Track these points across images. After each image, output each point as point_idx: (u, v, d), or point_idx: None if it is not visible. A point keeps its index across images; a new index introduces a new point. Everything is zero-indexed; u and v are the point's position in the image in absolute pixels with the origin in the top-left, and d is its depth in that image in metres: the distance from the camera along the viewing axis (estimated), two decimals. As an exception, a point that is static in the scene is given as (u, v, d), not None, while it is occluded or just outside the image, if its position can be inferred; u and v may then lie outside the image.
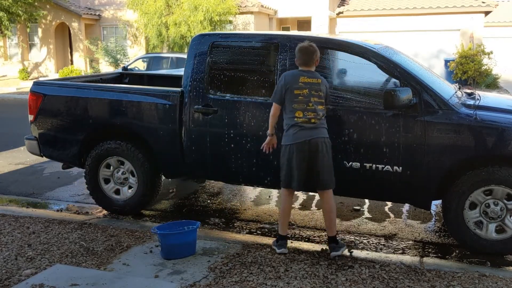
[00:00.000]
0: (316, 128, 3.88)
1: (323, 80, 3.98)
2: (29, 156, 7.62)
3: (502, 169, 3.95)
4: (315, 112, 3.87)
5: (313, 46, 3.95)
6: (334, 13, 22.16)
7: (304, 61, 3.95)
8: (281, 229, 4.11)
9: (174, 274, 3.61)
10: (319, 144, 3.87)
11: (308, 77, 3.90)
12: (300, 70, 3.97)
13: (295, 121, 3.87)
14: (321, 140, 3.89)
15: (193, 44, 4.80)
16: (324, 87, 3.96)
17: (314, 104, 3.87)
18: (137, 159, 4.94)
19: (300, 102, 3.86)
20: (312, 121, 3.86)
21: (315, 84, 3.90)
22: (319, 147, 3.87)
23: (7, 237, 4.35)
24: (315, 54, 3.94)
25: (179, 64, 14.97)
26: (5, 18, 20.95)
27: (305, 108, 3.85)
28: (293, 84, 3.88)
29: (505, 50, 26.78)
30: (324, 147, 3.89)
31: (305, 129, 3.85)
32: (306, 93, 3.86)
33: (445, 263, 3.98)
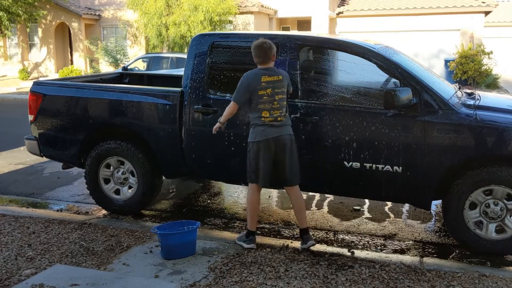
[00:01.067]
0: (283, 126, 3.97)
1: (283, 75, 4.04)
2: (29, 156, 7.62)
3: (502, 169, 3.95)
4: (281, 109, 3.95)
5: (268, 42, 3.97)
6: (334, 13, 22.16)
7: (262, 59, 3.97)
8: (250, 225, 4.17)
9: (174, 274, 3.61)
10: (287, 142, 3.96)
11: (269, 76, 3.94)
12: (261, 69, 3.99)
13: (263, 121, 3.93)
14: (288, 137, 3.98)
15: (193, 44, 4.80)
16: (285, 82, 4.02)
17: (279, 102, 3.94)
18: (137, 159, 4.94)
19: (266, 102, 3.92)
20: (279, 119, 3.94)
21: (277, 82, 3.96)
22: (286, 144, 3.96)
23: (7, 237, 4.35)
24: (270, 50, 3.95)
25: (179, 64, 14.97)
26: (5, 18, 20.94)
27: (271, 107, 3.92)
28: (256, 85, 3.92)
29: (505, 50, 26.77)
30: (290, 144, 3.99)
31: (273, 127, 3.93)
32: (270, 92, 3.92)
33: (445, 263, 3.98)
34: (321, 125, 4.29)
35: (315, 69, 4.66)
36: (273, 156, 3.96)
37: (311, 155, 4.35)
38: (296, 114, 4.33)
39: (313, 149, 4.33)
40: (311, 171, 4.39)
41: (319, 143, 4.31)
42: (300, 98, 4.36)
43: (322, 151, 4.31)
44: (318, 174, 4.39)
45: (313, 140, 4.33)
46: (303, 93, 4.39)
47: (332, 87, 4.53)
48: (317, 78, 4.60)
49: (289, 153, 3.98)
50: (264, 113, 3.92)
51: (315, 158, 4.34)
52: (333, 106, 4.30)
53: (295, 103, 4.35)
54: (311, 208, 5.56)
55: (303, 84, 4.42)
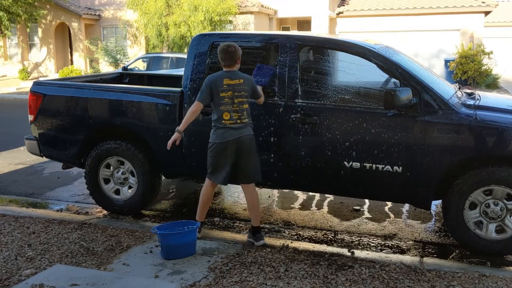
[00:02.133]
0: (243, 127, 4.08)
1: (246, 79, 4.11)
2: (29, 156, 7.63)
3: (502, 169, 3.95)
4: (240, 112, 4.07)
5: (233, 46, 4.10)
6: (334, 13, 22.16)
7: (226, 62, 4.09)
8: (199, 216, 4.34)
9: (174, 274, 3.61)
10: (247, 142, 4.10)
11: (230, 79, 4.06)
12: (224, 72, 4.12)
13: (223, 123, 4.06)
14: (248, 137, 4.12)
15: (193, 44, 4.80)
16: (247, 86, 4.10)
17: (238, 105, 4.06)
18: (137, 159, 4.94)
19: (226, 104, 4.04)
20: (239, 121, 4.07)
21: (237, 85, 4.06)
22: (247, 145, 4.10)
23: (7, 237, 4.35)
24: (235, 54, 4.08)
25: (179, 64, 14.97)
26: (5, 18, 20.95)
27: (232, 109, 4.04)
28: (218, 86, 4.04)
29: (505, 50, 26.79)
30: (250, 144, 4.13)
31: (233, 129, 4.05)
32: (230, 95, 4.04)
33: (445, 263, 3.98)
34: (321, 125, 4.29)
35: (315, 69, 4.66)
36: (233, 156, 4.09)
37: (311, 155, 4.35)
38: (296, 114, 4.33)
39: (313, 149, 4.33)
40: (311, 171, 4.39)
41: (319, 143, 4.31)
42: (300, 98, 4.36)
43: (322, 151, 4.31)
44: (318, 174, 4.39)
45: (313, 140, 4.33)
46: (303, 93, 4.39)
47: (332, 87, 4.53)
48: (317, 78, 4.60)
49: (249, 153, 4.13)
50: (225, 114, 4.05)
51: (315, 158, 4.34)
52: (333, 106, 4.30)
53: (295, 103, 4.35)
54: (311, 208, 5.56)
55: (303, 84, 4.42)
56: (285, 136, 4.40)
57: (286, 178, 4.51)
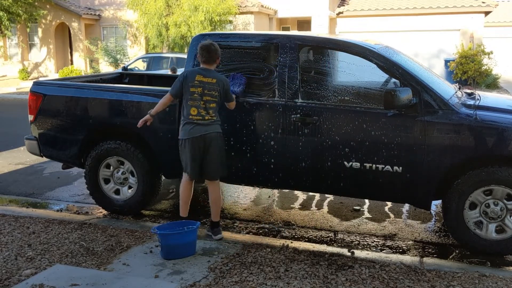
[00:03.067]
0: (210, 124, 4.18)
1: (219, 80, 4.19)
2: (29, 156, 7.63)
3: (502, 169, 3.95)
4: (207, 110, 4.15)
5: (215, 45, 4.22)
6: (334, 13, 22.16)
7: (205, 59, 4.20)
8: (182, 212, 4.46)
9: (174, 274, 3.61)
10: (212, 139, 4.19)
11: (204, 76, 4.15)
12: (200, 68, 4.24)
13: (190, 118, 4.15)
14: (214, 135, 4.21)
15: (193, 44, 4.79)
16: (219, 86, 4.17)
17: (205, 103, 4.15)
18: (137, 159, 4.94)
19: (195, 100, 4.14)
20: (206, 118, 4.16)
21: (209, 84, 4.14)
22: (212, 142, 4.19)
23: (7, 237, 4.35)
24: (215, 53, 4.20)
25: (179, 64, 14.97)
26: (5, 18, 20.95)
27: (199, 105, 4.14)
28: (190, 81, 4.15)
29: (505, 50, 26.80)
30: (216, 141, 4.22)
31: (200, 125, 4.15)
32: (200, 91, 4.13)
33: (445, 263, 3.98)
34: (321, 125, 4.28)
35: (315, 69, 4.66)
36: (201, 152, 4.20)
37: (311, 155, 4.34)
38: (296, 114, 4.33)
39: (313, 149, 4.33)
40: (311, 171, 4.39)
41: (319, 143, 4.31)
42: (300, 98, 4.36)
43: (322, 151, 4.31)
44: (318, 174, 4.39)
45: (313, 140, 4.33)
46: (303, 94, 4.39)
47: (332, 87, 4.53)
48: (317, 78, 4.60)
49: (215, 150, 4.22)
50: (192, 110, 4.15)
51: (315, 158, 4.34)
52: (333, 106, 4.29)
53: (295, 103, 4.35)
54: (311, 208, 5.56)
55: (303, 84, 4.42)
56: (284, 136, 4.40)
57: (286, 178, 4.51)
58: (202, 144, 4.17)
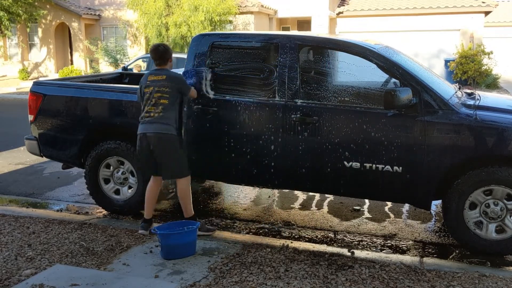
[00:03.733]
0: (155, 123, 4.23)
1: (169, 76, 4.28)
2: (29, 156, 7.62)
3: (502, 169, 3.95)
4: (156, 107, 4.25)
5: (163, 46, 4.41)
6: (334, 13, 22.16)
7: (157, 61, 4.36)
8: (146, 214, 4.53)
9: (174, 274, 3.61)
10: (154, 139, 4.22)
11: (154, 75, 4.30)
12: (153, 70, 4.40)
13: (142, 117, 4.32)
14: (158, 135, 4.22)
15: (193, 44, 4.79)
16: (169, 82, 4.25)
17: (156, 100, 4.25)
18: (137, 159, 4.93)
19: (147, 99, 4.29)
20: (152, 115, 4.25)
21: (159, 81, 4.26)
22: (157, 141, 4.23)
23: (7, 237, 4.35)
24: (165, 53, 4.36)
25: (179, 64, 14.94)
26: (5, 18, 20.95)
27: (148, 103, 4.28)
28: (143, 83, 4.33)
29: (505, 50, 26.79)
30: (161, 142, 4.23)
31: (145, 123, 4.27)
32: (151, 90, 4.27)
33: (445, 263, 3.98)
34: (321, 125, 4.28)
35: (315, 69, 4.66)
36: (148, 150, 4.27)
37: (311, 155, 4.34)
38: (296, 114, 4.33)
39: (313, 149, 4.33)
40: (311, 171, 4.39)
41: (319, 143, 4.31)
42: (300, 98, 4.36)
43: (322, 151, 4.31)
44: (318, 174, 4.39)
45: (313, 140, 4.32)
46: (303, 93, 4.39)
47: (332, 87, 4.53)
48: (317, 78, 4.60)
49: (159, 150, 4.24)
50: (145, 109, 4.30)
51: (315, 158, 4.34)
52: (333, 106, 4.29)
53: (295, 103, 4.35)
54: (311, 208, 5.56)
55: (303, 85, 4.42)
56: (285, 136, 4.40)
57: (286, 178, 4.51)
58: (145, 143, 4.25)
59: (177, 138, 4.33)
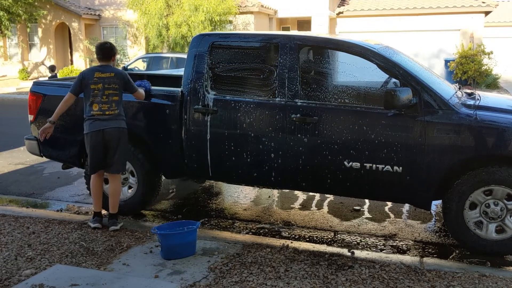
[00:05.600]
0: (111, 119, 4.40)
1: (117, 73, 4.48)
2: (29, 156, 7.62)
3: (502, 169, 3.95)
4: (109, 104, 4.39)
5: (109, 43, 4.57)
6: (334, 13, 22.17)
7: (101, 56, 4.49)
8: (94, 207, 4.67)
9: (174, 274, 3.61)
10: (113, 134, 4.40)
11: (102, 72, 4.42)
12: (97, 66, 4.51)
13: (92, 114, 4.38)
14: (115, 130, 4.42)
15: (193, 44, 4.79)
16: (117, 79, 4.44)
17: (108, 97, 4.39)
18: (137, 159, 4.94)
19: (96, 96, 4.37)
20: (107, 113, 4.39)
21: (108, 78, 4.40)
22: (113, 137, 4.40)
23: (7, 237, 4.35)
24: (111, 50, 4.51)
25: (179, 64, 14.96)
26: (5, 18, 20.95)
27: (101, 101, 4.37)
28: (89, 79, 4.39)
29: (505, 50, 26.80)
30: (118, 136, 4.43)
31: (99, 120, 4.37)
32: (100, 87, 4.37)
33: (445, 263, 3.98)
34: (321, 125, 4.28)
35: (315, 69, 4.66)
36: (102, 146, 4.41)
37: (311, 155, 4.34)
38: (297, 114, 4.33)
39: (313, 149, 4.33)
40: (311, 171, 4.39)
41: (319, 143, 4.31)
42: (300, 98, 4.36)
43: (322, 151, 4.31)
44: (318, 174, 4.39)
45: (313, 140, 4.32)
46: (303, 93, 4.39)
47: (332, 87, 4.53)
48: (317, 78, 4.60)
49: (115, 145, 4.43)
50: (94, 106, 4.38)
51: (315, 158, 4.34)
52: (333, 106, 4.29)
53: (295, 103, 4.35)
54: (311, 208, 5.56)
55: (303, 84, 4.42)
56: (284, 136, 4.40)
57: (286, 178, 4.51)
58: (101, 138, 4.37)
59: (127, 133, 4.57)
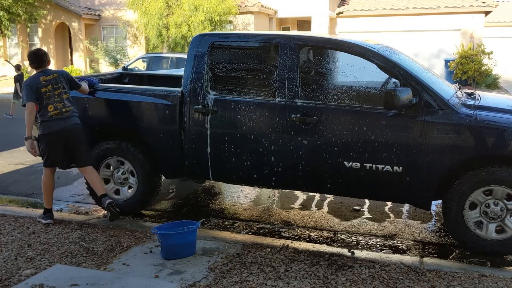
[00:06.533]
0: (69, 117, 4.64)
1: (59, 73, 4.72)
2: (29, 156, 7.62)
3: (502, 169, 3.95)
4: (62, 102, 4.63)
5: (42, 50, 4.79)
6: (334, 13, 22.16)
7: (37, 64, 4.68)
8: (46, 203, 4.81)
9: (174, 274, 3.61)
10: (74, 131, 4.66)
11: (46, 75, 4.63)
12: (38, 72, 4.67)
13: (49, 116, 4.57)
14: (75, 126, 4.68)
15: (193, 44, 4.79)
16: (62, 78, 4.69)
17: (59, 96, 4.62)
18: (137, 159, 4.94)
19: (49, 98, 4.58)
20: (64, 110, 4.62)
21: (53, 79, 4.63)
22: (75, 133, 4.67)
23: (7, 237, 4.36)
24: (45, 56, 4.73)
25: (179, 64, 14.95)
26: (5, 18, 20.93)
27: (54, 101, 4.58)
28: (38, 85, 4.56)
29: (505, 50, 26.79)
30: (78, 132, 4.71)
31: (60, 120, 4.59)
32: (50, 88, 4.59)
33: (445, 263, 3.98)
34: (321, 125, 4.28)
35: (315, 70, 4.66)
36: (63, 144, 4.63)
37: (311, 155, 4.34)
38: (296, 114, 4.33)
39: (313, 149, 4.33)
40: (311, 171, 4.39)
41: (319, 143, 4.31)
42: (300, 98, 4.36)
43: (322, 152, 4.30)
44: (318, 174, 4.39)
45: (313, 140, 4.32)
46: (303, 93, 4.39)
47: (332, 87, 4.53)
48: (317, 79, 4.60)
49: (78, 140, 4.70)
50: (49, 107, 4.57)
51: (315, 158, 4.34)
52: (333, 106, 4.29)
53: (295, 103, 4.35)
54: (311, 208, 5.56)
55: (303, 85, 4.42)
56: (284, 136, 4.40)
57: (286, 178, 4.51)
58: (62, 137, 4.59)
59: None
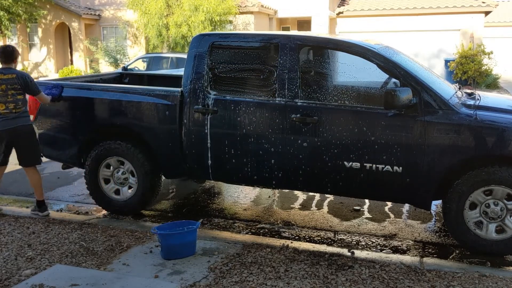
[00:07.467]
0: (19, 117, 4.74)
1: (18, 74, 4.74)
2: (29, 156, 7.61)
3: (502, 169, 3.95)
4: (15, 103, 4.72)
5: (11, 47, 4.84)
6: (334, 13, 22.16)
7: (3, 60, 4.76)
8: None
9: (174, 274, 3.61)
10: (23, 131, 4.78)
11: (3, 74, 4.70)
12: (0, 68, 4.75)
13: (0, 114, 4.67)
14: (25, 127, 4.80)
15: (193, 44, 4.79)
16: (20, 80, 4.72)
17: (12, 96, 4.70)
18: (137, 159, 4.94)
19: (1, 96, 4.66)
20: (14, 111, 4.71)
21: (10, 79, 4.69)
22: (23, 134, 4.79)
23: (7, 237, 4.36)
24: (12, 53, 4.79)
25: (179, 64, 14.95)
26: (5, 18, 20.93)
27: (6, 101, 4.68)
28: None
29: (505, 50, 26.80)
30: (27, 133, 4.83)
31: (9, 119, 4.70)
32: (4, 88, 4.67)
33: (445, 263, 3.98)
34: (321, 125, 4.28)
35: (315, 70, 4.66)
36: (10, 143, 4.78)
37: (311, 155, 4.34)
38: (297, 114, 4.33)
39: (313, 149, 4.33)
40: (311, 171, 4.39)
41: (319, 143, 4.31)
42: (300, 98, 4.36)
43: (322, 152, 4.30)
44: (318, 174, 4.39)
45: (313, 141, 4.32)
46: (303, 93, 4.39)
47: (332, 87, 4.53)
48: (317, 79, 4.59)
49: (26, 141, 4.83)
50: (0, 106, 4.67)
51: (315, 158, 4.34)
52: (333, 106, 4.29)
53: (295, 103, 4.35)
54: (311, 208, 5.56)
55: (303, 85, 4.42)
56: (284, 136, 4.40)
57: (286, 178, 4.51)
58: (11, 136, 4.73)
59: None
